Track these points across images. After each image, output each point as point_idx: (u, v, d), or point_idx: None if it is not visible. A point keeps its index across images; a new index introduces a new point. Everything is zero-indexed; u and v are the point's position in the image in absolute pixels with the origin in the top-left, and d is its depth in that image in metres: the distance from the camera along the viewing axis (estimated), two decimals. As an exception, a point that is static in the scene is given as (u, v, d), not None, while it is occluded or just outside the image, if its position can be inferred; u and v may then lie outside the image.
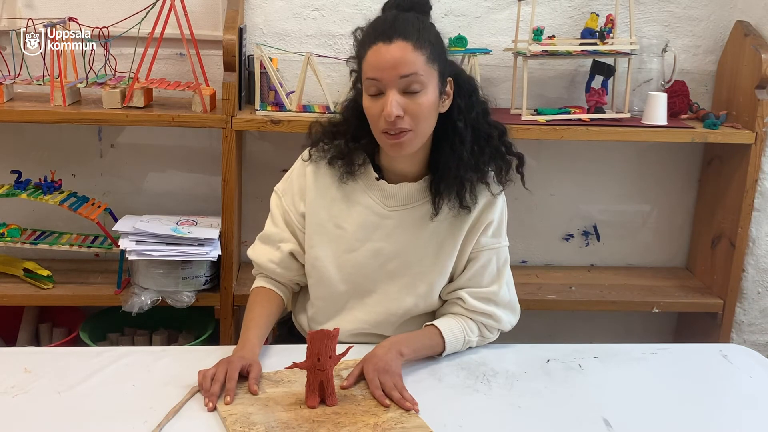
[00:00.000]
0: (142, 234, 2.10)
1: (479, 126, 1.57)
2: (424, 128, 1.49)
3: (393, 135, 1.46)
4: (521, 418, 1.38)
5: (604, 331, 2.67)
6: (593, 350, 1.64)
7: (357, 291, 1.62)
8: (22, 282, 2.25)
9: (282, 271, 1.66)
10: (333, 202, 1.61)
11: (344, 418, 1.31)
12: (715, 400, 1.49)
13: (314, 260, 1.62)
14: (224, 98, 2.10)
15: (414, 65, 1.44)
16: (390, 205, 1.59)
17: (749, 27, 2.33)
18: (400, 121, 1.45)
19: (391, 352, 1.47)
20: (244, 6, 2.30)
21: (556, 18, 2.40)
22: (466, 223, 1.58)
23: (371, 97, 1.47)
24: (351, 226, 1.60)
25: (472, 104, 1.56)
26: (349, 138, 1.59)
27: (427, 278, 1.60)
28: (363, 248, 1.60)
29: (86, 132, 2.39)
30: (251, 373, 1.42)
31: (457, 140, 1.53)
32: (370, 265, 1.60)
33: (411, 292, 1.61)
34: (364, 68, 1.48)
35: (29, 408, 1.33)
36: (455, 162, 1.53)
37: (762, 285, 2.43)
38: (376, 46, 1.45)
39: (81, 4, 2.28)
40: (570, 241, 2.63)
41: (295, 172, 1.66)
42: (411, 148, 1.50)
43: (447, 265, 1.60)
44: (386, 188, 1.58)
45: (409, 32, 1.45)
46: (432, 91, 1.47)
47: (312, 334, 1.34)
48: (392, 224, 1.59)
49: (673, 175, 2.59)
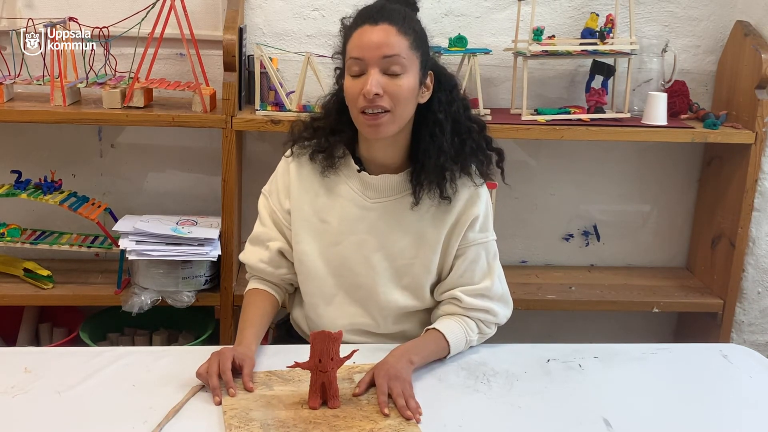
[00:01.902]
0: (142, 234, 2.10)
1: (459, 119, 1.59)
2: (401, 111, 1.51)
3: (371, 116, 1.49)
4: (521, 418, 1.38)
5: (604, 331, 2.67)
6: (593, 350, 1.64)
7: (345, 284, 1.64)
8: (22, 282, 2.25)
9: (272, 270, 1.67)
10: (317, 196, 1.63)
11: (341, 422, 1.31)
12: (715, 400, 1.49)
13: (301, 255, 1.63)
14: (224, 98, 2.10)
15: (397, 47, 1.47)
16: (372, 197, 1.61)
17: (749, 27, 2.33)
18: (379, 99, 1.47)
19: (402, 360, 1.47)
20: (244, 6, 2.30)
21: (556, 18, 2.41)
22: (450, 217, 1.59)
23: (352, 78, 1.51)
24: (335, 220, 1.62)
25: (453, 99, 1.59)
26: (328, 132, 1.61)
27: (411, 270, 1.61)
28: (347, 241, 1.61)
29: (86, 132, 2.39)
30: (244, 368, 1.43)
31: (437, 130, 1.56)
32: (355, 258, 1.61)
33: (397, 284, 1.62)
34: (349, 48, 1.51)
35: (29, 408, 1.33)
36: (435, 151, 1.55)
37: (762, 285, 2.43)
38: (362, 27, 1.49)
39: (81, 4, 2.28)
40: (570, 241, 2.63)
41: (279, 171, 1.69)
42: (387, 130, 1.51)
43: (431, 259, 1.61)
44: (367, 180, 1.60)
45: (394, 18, 1.50)
46: (413, 76, 1.50)
47: (314, 335, 1.34)
48: (375, 216, 1.61)
49: (673, 175, 2.59)
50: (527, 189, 2.54)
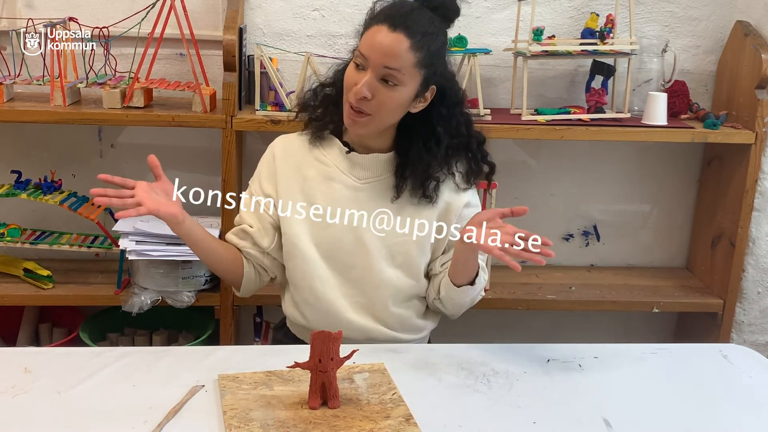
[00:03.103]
0: (142, 234, 2.10)
1: (458, 135, 1.63)
2: (384, 118, 1.55)
3: (354, 112, 1.54)
4: (521, 418, 1.38)
5: (604, 331, 2.67)
6: (593, 350, 1.64)
7: (338, 266, 1.65)
8: (22, 282, 2.25)
9: (238, 241, 1.71)
10: (305, 180, 1.65)
11: (341, 422, 1.31)
12: (715, 400, 1.49)
13: (293, 238, 1.64)
14: (224, 98, 2.10)
15: (401, 62, 1.49)
16: (361, 177, 1.64)
17: (749, 27, 2.33)
18: (365, 103, 1.51)
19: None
20: (244, 6, 2.30)
21: (556, 18, 2.40)
22: (442, 196, 1.64)
23: (355, 67, 1.54)
24: (324, 202, 1.64)
25: (454, 114, 1.62)
26: (331, 101, 1.66)
27: (404, 248, 1.64)
28: (338, 222, 1.63)
29: (86, 132, 2.39)
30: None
31: (433, 142, 1.60)
32: (347, 239, 1.63)
33: (390, 263, 1.64)
34: (362, 40, 1.54)
35: (29, 408, 1.33)
36: (427, 159, 1.59)
37: (762, 285, 2.43)
38: (380, 26, 1.50)
39: (81, 4, 2.28)
40: (570, 241, 2.63)
41: (263, 160, 1.72)
42: (365, 130, 1.57)
43: (423, 237, 1.64)
44: (356, 159, 1.63)
45: (413, 30, 1.49)
46: (407, 91, 1.53)
47: (314, 335, 1.34)
48: (365, 197, 1.63)
49: (673, 175, 2.59)
50: (527, 189, 2.54)
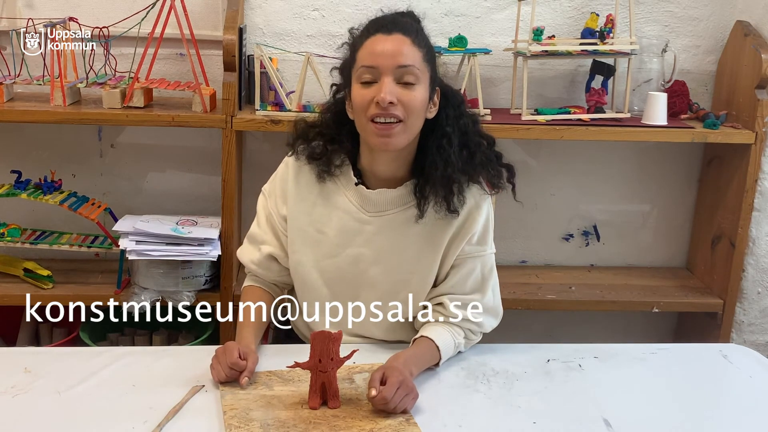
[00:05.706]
0: (142, 234, 2.10)
1: (468, 133, 1.55)
2: (413, 123, 1.47)
3: (383, 125, 1.44)
4: (521, 418, 1.38)
5: (604, 331, 2.67)
6: (593, 350, 1.64)
7: (340, 295, 1.61)
8: (22, 282, 2.24)
9: (263, 272, 1.67)
10: (314, 206, 1.60)
11: (341, 422, 1.31)
12: (715, 399, 1.49)
13: (296, 264, 1.62)
14: (224, 98, 2.10)
15: (412, 58, 1.45)
16: (370, 210, 1.57)
17: (749, 27, 2.33)
18: (393, 108, 1.43)
19: (406, 370, 1.43)
20: (244, 6, 2.30)
21: (556, 18, 2.40)
22: (449, 230, 1.55)
23: (363, 85, 1.46)
24: (332, 231, 1.59)
25: (461, 113, 1.56)
26: (327, 140, 1.57)
27: (409, 285, 1.58)
28: (344, 254, 1.58)
29: (86, 132, 2.39)
30: (248, 363, 1.42)
31: (444, 142, 1.52)
32: (352, 271, 1.59)
33: (393, 298, 1.59)
34: (360, 57, 1.47)
35: (29, 408, 1.33)
36: (442, 163, 1.50)
37: (762, 285, 2.43)
38: (375, 36, 1.47)
39: (81, 4, 2.28)
40: (570, 241, 2.63)
41: (279, 175, 1.66)
42: (399, 142, 1.47)
43: (429, 273, 1.57)
44: (365, 194, 1.56)
45: (408, 29, 1.48)
46: (424, 89, 1.48)
47: (314, 335, 1.34)
48: (372, 230, 1.57)
49: (673, 175, 2.59)
50: (527, 189, 2.54)
